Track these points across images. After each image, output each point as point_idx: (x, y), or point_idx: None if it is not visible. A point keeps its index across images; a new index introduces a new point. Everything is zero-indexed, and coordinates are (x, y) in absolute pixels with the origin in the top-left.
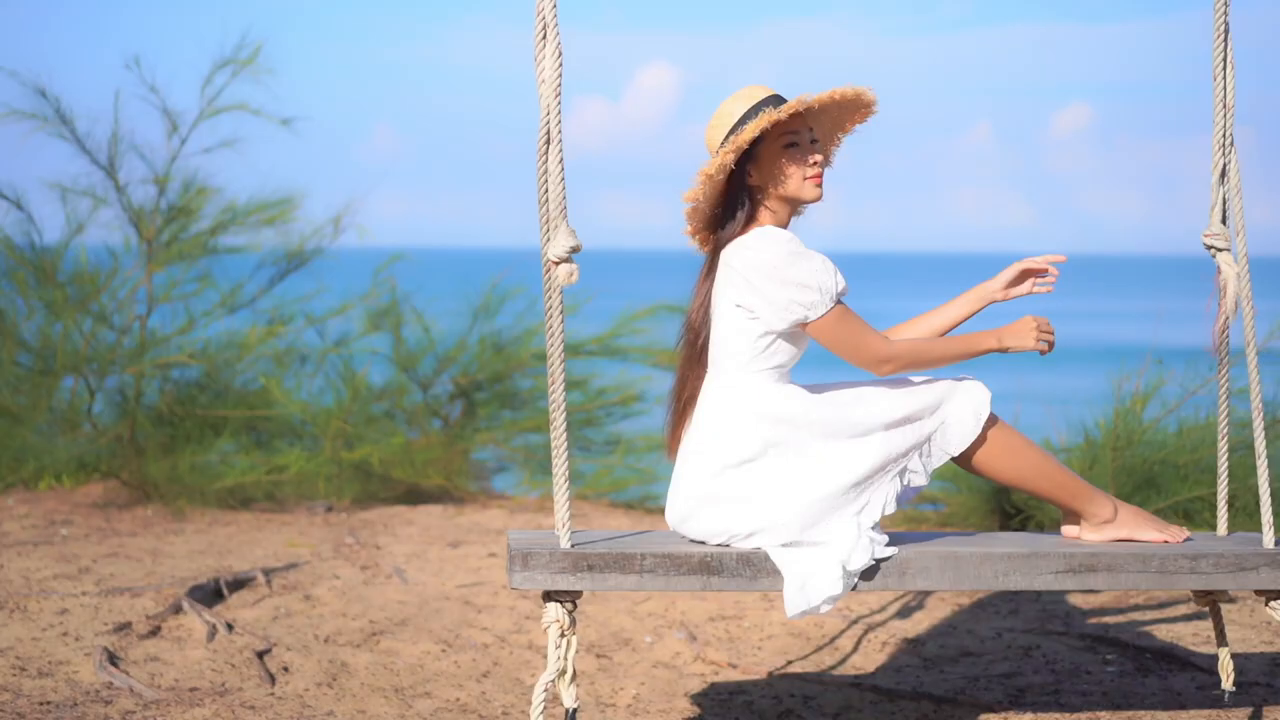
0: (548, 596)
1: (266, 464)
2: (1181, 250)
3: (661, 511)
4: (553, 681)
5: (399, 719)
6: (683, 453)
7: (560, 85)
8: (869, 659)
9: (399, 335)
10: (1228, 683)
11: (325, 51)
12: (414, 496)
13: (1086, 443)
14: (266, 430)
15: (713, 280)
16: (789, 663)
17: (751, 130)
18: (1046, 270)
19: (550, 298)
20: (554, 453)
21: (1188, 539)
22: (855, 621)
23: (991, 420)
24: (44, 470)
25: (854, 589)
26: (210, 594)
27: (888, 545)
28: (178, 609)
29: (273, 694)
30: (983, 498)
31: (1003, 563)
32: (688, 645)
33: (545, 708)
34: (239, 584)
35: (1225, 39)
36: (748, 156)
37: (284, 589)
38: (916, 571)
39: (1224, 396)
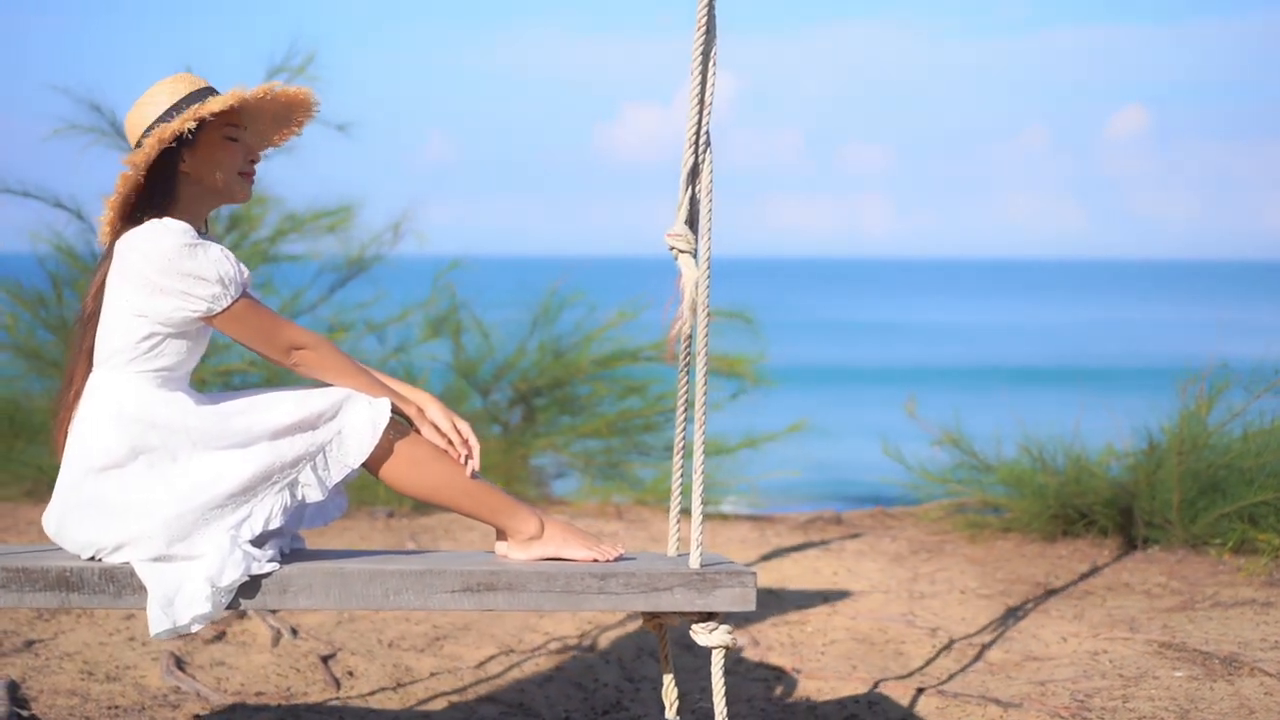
0: None
1: None
2: (1238, 255)
3: (721, 516)
4: None
5: None
6: (64, 455)
7: None
8: (933, 664)
9: (458, 341)
10: (671, 711)
11: (376, 58)
12: None
13: (1150, 447)
14: None
15: (105, 271)
16: (853, 667)
17: (190, 116)
18: (463, 446)
19: None
20: None
21: (620, 557)
22: (920, 627)
23: (398, 432)
24: None
25: (238, 608)
26: None
27: (270, 561)
28: (242, 614)
29: (337, 698)
30: (1044, 503)
31: (394, 580)
32: (751, 650)
33: None
34: None
35: (707, 34)
36: (182, 143)
37: None
38: (299, 589)
39: (681, 406)
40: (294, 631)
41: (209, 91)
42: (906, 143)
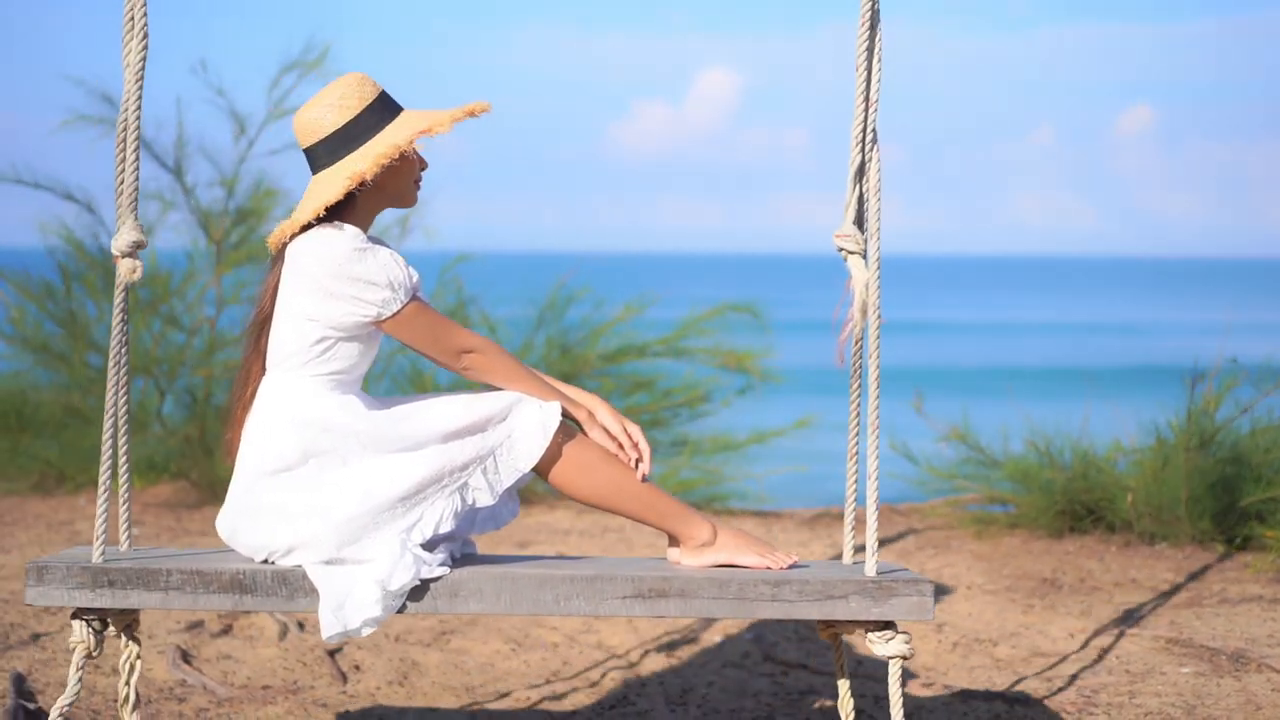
0: (76, 614)
1: None
2: (1245, 253)
3: (730, 511)
4: (69, 706)
5: (469, 719)
6: (237, 458)
7: (143, 73)
8: (941, 659)
9: None
10: None
11: (385, 54)
12: None
13: (1158, 443)
14: None
15: (279, 274)
16: (860, 663)
17: (414, 135)
18: (633, 450)
19: (115, 293)
20: (102, 460)
21: (793, 565)
22: (926, 622)
23: (568, 435)
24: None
25: (402, 611)
26: None
27: (440, 565)
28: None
29: (344, 692)
30: (1051, 499)
31: (564, 586)
32: (756, 645)
33: None
34: None
35: (872, 29)
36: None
37: None
38: (469, 594)
39: (854, 411)
40: (300, 625)
41: (387, 96)
42: (914, 141)
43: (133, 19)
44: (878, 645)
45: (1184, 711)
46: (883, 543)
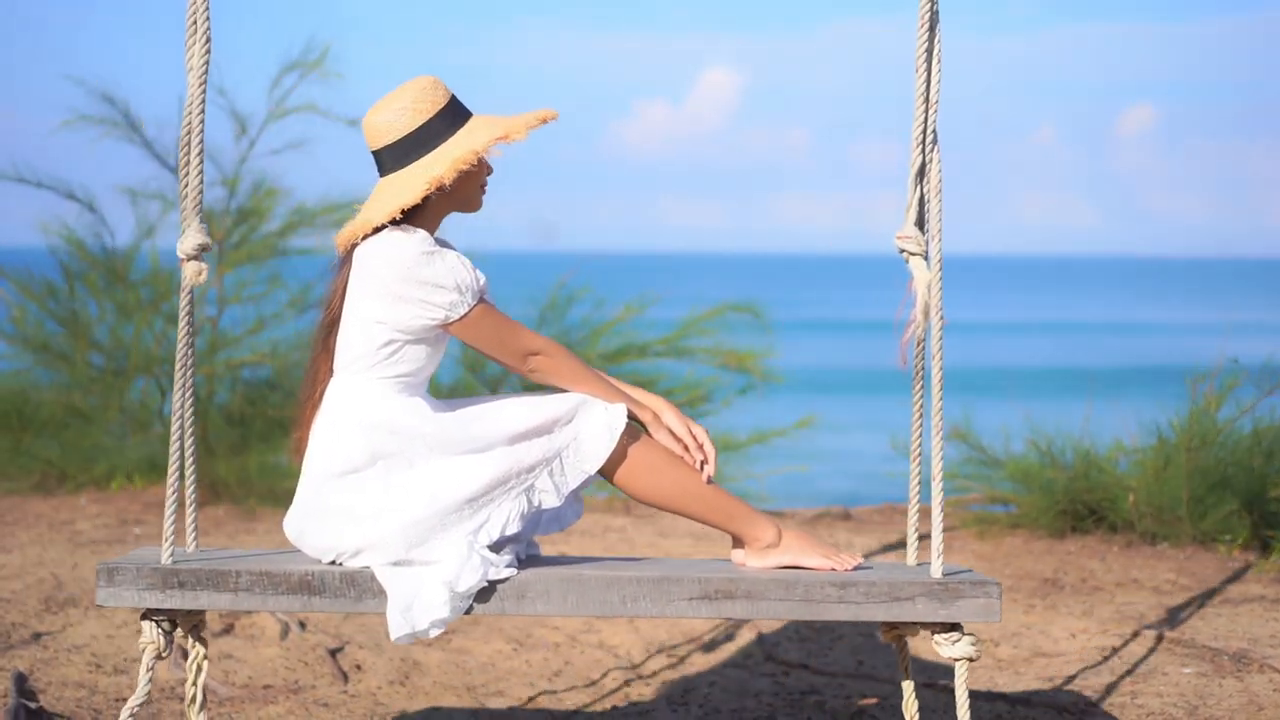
0: (146, 615)
1: None
2: (1248, 252)
3: None
4: (140, 706)
5: (471, 718)
6: (305, 459)
7: (206, 76)
8: (941, 660)
9: None
10: None
11: (387, 53)
12: None
13: (1159, 443)
14: None
15: (345, 276)
16: (860, 663)
17: (490, 141)
18: (698, 451)
19: (180, 297)
20: (170, 462)
21: (858, 566)
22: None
23: (634, 437)
24: (116, 470)
25: (469, 612)
26: None
27: (507, 566)
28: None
29: (345, 692)
30: (1053, 498)
31: (630, 587)
32: (758, 645)
33: None
34: None
35: (931, 30)
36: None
37: None
38: (536, 595)
39: (917, 413)
40: (302, 625)
41: (457, 101)
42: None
43: (195, 22)
44: (944, 647)
45: (1186, 712)
46: (889, 547)
